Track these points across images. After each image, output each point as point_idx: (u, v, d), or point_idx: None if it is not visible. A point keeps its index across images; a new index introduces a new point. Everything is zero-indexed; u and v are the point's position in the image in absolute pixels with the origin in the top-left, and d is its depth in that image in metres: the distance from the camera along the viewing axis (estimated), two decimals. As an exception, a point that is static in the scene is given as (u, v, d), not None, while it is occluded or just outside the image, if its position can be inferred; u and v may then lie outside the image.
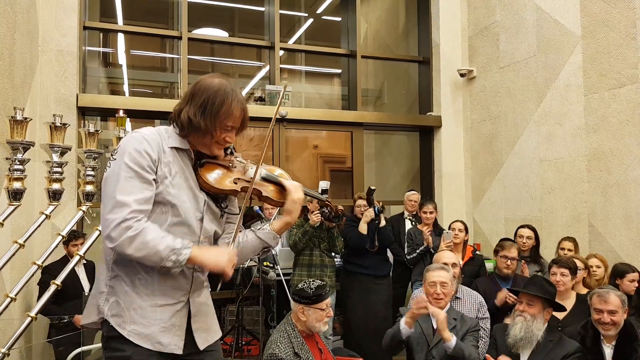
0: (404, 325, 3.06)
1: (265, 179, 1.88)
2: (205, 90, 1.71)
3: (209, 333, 1.83)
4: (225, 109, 1.69)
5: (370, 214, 4.59)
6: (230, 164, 1.84)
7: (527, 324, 2.97)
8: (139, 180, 1.61)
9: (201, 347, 1.78)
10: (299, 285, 2.98)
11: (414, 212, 5.35)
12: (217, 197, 1.82)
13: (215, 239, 1.87)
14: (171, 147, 1.71)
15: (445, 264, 3.50)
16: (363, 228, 4.64)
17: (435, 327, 3.10)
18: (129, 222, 1.57)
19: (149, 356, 1.67)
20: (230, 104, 1.70)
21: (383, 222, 4.67)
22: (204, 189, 1.77)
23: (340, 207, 1.99)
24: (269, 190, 1.86)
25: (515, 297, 3.72)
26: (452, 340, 2.94)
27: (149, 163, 1.64)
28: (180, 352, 1.72)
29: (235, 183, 1.79)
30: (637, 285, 3.68)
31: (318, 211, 4.59)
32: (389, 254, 5.06)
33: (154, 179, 1.65)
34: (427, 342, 3.11)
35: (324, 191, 4.57)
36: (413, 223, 5.34)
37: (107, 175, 1.66)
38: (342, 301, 4.91)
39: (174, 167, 1.70)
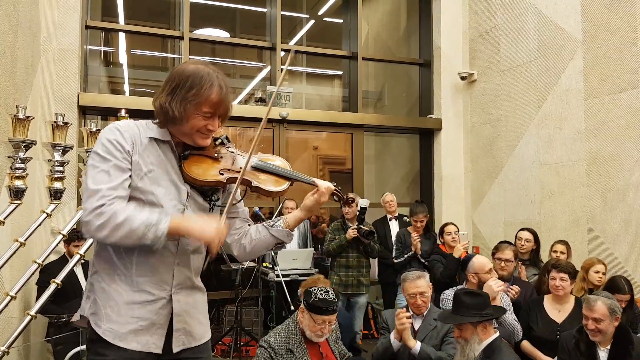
0: (394, 339, 3.12)
1: (257, 169, 1.76)
2: (178, 75, 1.62)
3: (188, 337, 1.71)
4: (196, 92, 1.58)
5: None
6: (217, 154, 1.73)
7: (463, 350, 2.80)
8: (112, 168, 1.56)
9: (175, 349, 1.67)
10: (312, 287, 2.98)
11: (396, 214, 5.42)
12: (205, 190, 1.73)
13: None
14: (150, 138, 1.64)
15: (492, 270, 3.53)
16: None
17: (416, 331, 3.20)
18: (101, 209, 1.51)
19: None
20: (203, 87, 1.58)
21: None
22: (187, 181, 1.68)
23: (351, 195, 1.95)
24: (260, 180, 1.74)
25: (517, 289, 3.73)
26: (416, 346, 3.03)
27: (122, 153, 1.59)
28: (159, 351, 1.64)
29: (222, 174, 1.69)
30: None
31: (356, 227, 4.58)
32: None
33: (128, 168, 1.59)
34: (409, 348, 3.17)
35: (363, 209, 4.59)
36: (397, 219, 5.39)
37: (86, 169, 1.64)
38: None
39: (150, 159, 1.63)
